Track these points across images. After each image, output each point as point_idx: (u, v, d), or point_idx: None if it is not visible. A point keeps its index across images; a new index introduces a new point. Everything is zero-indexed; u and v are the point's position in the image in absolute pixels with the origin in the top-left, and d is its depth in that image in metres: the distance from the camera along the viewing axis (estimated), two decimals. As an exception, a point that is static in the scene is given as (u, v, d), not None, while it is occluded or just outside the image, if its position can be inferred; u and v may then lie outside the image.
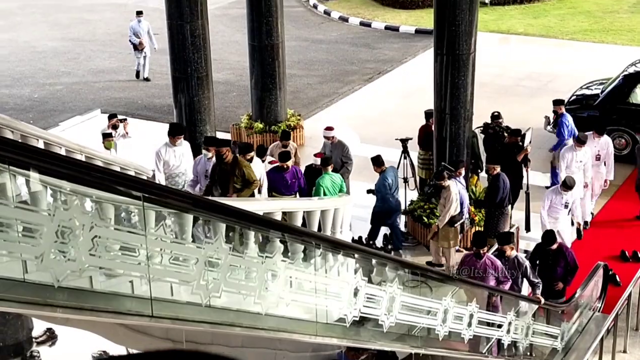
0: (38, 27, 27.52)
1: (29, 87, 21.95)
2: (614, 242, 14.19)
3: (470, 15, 13.20)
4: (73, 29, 27.29)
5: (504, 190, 13.22)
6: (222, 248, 6.06)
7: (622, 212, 15.05)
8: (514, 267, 11.26)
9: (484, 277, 10.80)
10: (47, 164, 4.88)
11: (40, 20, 28.29)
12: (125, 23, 27.67)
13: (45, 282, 4.94)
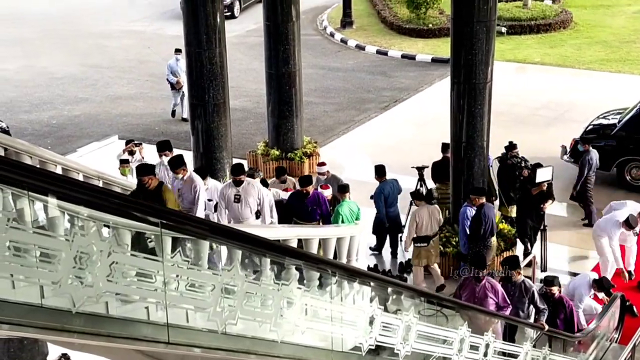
0: (56, 54, 27.71)
1: (47, 112, 22.09)
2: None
3: (487, 45, 13.22)
4: (91, 56, 27.47)
5: (485, 222, 12.92)
6: (239, 275, 6.07)
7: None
8: (521, 292, 11.09)
9: (483, 301, 10.56)
10: (65, 189, 4.91)
11: (59, 47, 28.48)
12: (143, 50, 27.97)
13: (62, 308, 4.95)
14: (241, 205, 12.80)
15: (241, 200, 12.84)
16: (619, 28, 28.88)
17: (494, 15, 13.34)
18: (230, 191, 12.98)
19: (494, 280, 10.91)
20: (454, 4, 13.34)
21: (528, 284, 11.26)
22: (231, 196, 12.93)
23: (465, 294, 10.77)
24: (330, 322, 7.26)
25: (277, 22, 17.30)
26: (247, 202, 12.83)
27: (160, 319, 5.56)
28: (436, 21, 28.57)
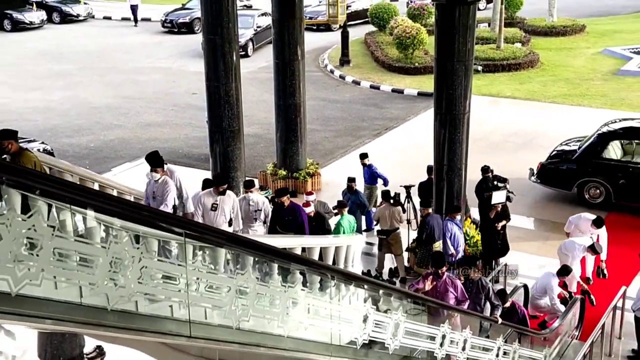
0: (94, 86, 27.80)
1: (86, 137, 22.13)
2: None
3: (465, 81, 13.26)
4: (124, 88, 27.55)
5: (427, 229, 13.24)
6: (251, 278, 6.07)
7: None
8: (478, 289, 10.98)
9: (444, 296, 10.28)
10: (101, 203, 4.92)
11: (96, 81, 28.58)
12: (169, 84, 28.04)
13: (99, 306, 4.94)
14: (217, 214, 12.28)
15: (218, 209, 12.37)
16: (579, 67, 28.99)
17: (471, 56, 13.39)
18: (208, 200, 12.43)
19: (453, 277, 10.71)
20: (437, 46, 13.39)
21: (484, 282, 11.15)
22: (208, 204, 12.38)
23: (428, 290, 10.41)
24: (329, 320, 7.24)
25: (285, 61, 17.36)
26: (222, 211, 12.34)
27: (183, 316, 5.55)
28: (421, 60, 28.67)
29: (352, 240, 12.68)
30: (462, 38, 12.93)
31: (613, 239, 14.80)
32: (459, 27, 12.85)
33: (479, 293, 11.01)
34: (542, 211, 16.89)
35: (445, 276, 10.43)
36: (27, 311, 4.41)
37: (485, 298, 11.04)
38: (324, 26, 34.14)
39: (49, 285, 4.65)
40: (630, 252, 14.34)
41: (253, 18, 32.29)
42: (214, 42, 14.95)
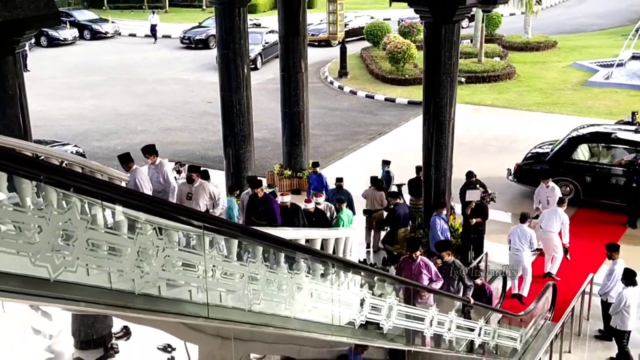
0: (121, 96, 27.81)
1: (114, 141, 22.13)
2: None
3: (450, 91, 13.26)
4: (147, 97, 27.56)
5: (394, 216, 13.78)
6: (261, 266, 6.07)
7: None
8: (451, 271, 10.83)
9: (418, 277, 10.11)
10: (129, 199, 4.92)
11: (122, 91, 28.59)
12: (187, 93, 28.02)
13: (126, 290, 4.95)
14: (192, 204, 11.80)
15: (192, 199, 11.99)
16: (551, 79, 28.97)
17: (456, 69, 13.37)
18: (185, 189, 12.15)
19: (426, 259, 10.52)
20: (426, 60, 13.38)
21: (458, 264, 10.98)
22: (184, 193, 12.15)
23: (404, 271, 10.35)
24: (330, 303, 7.24)
25: (290, 73, 17.36)
26: (197, 202, 11.99)
27: (201, 299, 5.55)
28: (411, 73, 28.66)
29: (350, 233, 12.69)
30: (448, 53, 12.92)
31: (581, 231, 14.84)
32: (445, 43, 12.84)
33: (452, 275, 10.87)
34: (518, 207, 16.82)
35: (419, 259, 10.30)
36: (64, 295, 4.42)
37: (458, 279, 10.90)
38: (325, 42, 34.10)
39: (82, 271, 4.65)
40: (597, 243, 14.31)
41: (262, 35, 32.27)
42: (228, 56, 14.96)
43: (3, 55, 9.87)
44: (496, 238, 14.59)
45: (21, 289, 4.12)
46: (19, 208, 4.27)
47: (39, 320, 11.19)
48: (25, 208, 4.30)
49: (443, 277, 10.53)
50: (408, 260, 10.41)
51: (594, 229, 15.48)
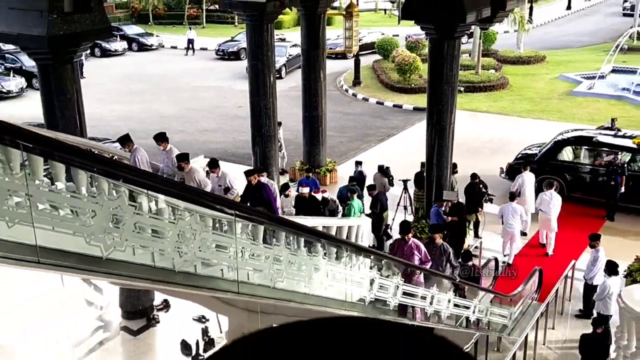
0: (163, 101, 27.91)
1: (157, 139, 22.17)
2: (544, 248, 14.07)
3: (451, 99, 13.20)
4: (187, 102, 27.64)
5: (375, 205, 13.70)
6: (284, 249, 6.09)
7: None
8: (440, 253, 10.54)
9: (410, 257, 9.80)
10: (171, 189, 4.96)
11: (165, 96, 28.69)
12: (220, 99, 28.07)
13: (167, 268, 4.99)
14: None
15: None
16: (540, 89, 28.70)
17: (456, 79, 13.31)
18: (177, 175, 11.52)
19: (417, 241, 10.23)
20: (430, 71, 13.33)
21: (446, 247, 10.70)
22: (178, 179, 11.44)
23: (396, 252, 10.04)
24: (344, 282, 7.25)
25: (311, 82, 17.36)
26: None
27: (231, 277, 5.58)
28: (417, 82, 28.49)
29: (362, 222, 12.68)
30: (449, 65, 12.86)
31: (565, 223, 14.71)
32: (447, 56, 12.78)
33: (441, 256, 10.60)
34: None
35: (410, 241, 10.04)
36: (114, 271, 4.47)
37: (446, 261, 10.64)
38: (341, 55, 33.92)
39: (130, 251, 4.70)
40: (579, 233, 14.23)
41: (286, 48, 32.23)
42: (257, 66, 14.98)
43: (62, 64, 9.96)
44: (491, 228, 14.52)
45: (78, 265, 4.17)
46: (76, 195, 4.31)
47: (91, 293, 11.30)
48: (81, 195, 4.34)
49: (432, 258, 10.29)
50: (401, 242, 10.18)
51: (577, 221, 15.35)
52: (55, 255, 4.12)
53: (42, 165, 4.29)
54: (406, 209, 14.57)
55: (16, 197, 4.11)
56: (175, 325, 11.04)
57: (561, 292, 12.05)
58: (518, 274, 12.90)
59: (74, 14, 9.49)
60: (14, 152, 4.13)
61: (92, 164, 4.37)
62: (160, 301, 11.37)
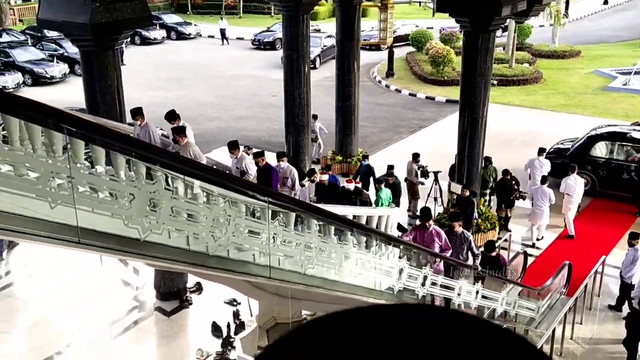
0: (200, 88, 28.10)
1: (193, 125, 22.13)
2: (574, 243, 13.82)
3: (484, 91, 13.02)
4: (223, 90, 27.79)
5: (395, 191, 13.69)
6: (315, 237, 6.09)
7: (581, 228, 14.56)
8: (461, 241, 10.18)
9: (430, 245, 9.39)
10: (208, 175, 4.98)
11: (202, 84, 28.88)
12: (256, 88, 28.15)
13: (202, 251, 5.03)
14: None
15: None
16: (574, 83, 28.12)
17: (490, 72, 13.12)
18: (172, 147, 11.06)
19: (438, 228, 9.81)
20: (463, 64, 13.16)
21: (466, 235, 10.36)
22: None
23: (417, 239, 9.61)
24: (373, 271, 7.24)
25: (344, 72, 17.29)
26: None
27: (263, 262, 5.60)
28: (450, 75, 28.18)
29: (392, 212, 12.62)
30: (483, 58, 12.68)
31: (596, 219, 14.46)
32: (481, 49, 12.59)
33: (461, 244, 10.23)
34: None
35: (431, 228, 9.61)
36: (151, 253, 4.52)
37: (467, 249, 10.32)
38: (375, 46, 33.79)
39: (165, 234, 4.75)
40: (609, 229, 13.97)
41: (321, 39, 32.14)
42: (291, 56, 14.98)
43: (104, 51, 10.08)
44: (520, 221, 14.33)
45: (117, 247, 4.23)
46: (115, 178, 4.36)
47: (128, 274, 11.49)
48: (120, 179, 4.40)
49: (452, 247, 9.96)
50: (421, 229, 9.79)
51: (607, 217, 15.06)
52: (95, 236, 4.18)
53: (83, 149, 4.35)
54: (436, 201, 14.43)
55: (58, 179, 4.18)
56: (207, 308, 11.15)
57: (590, 288, 11.84)
58: (547, 268, 12.72)
59: (116, 2, 9.59)
60: (57, 136, 4.20)
61: (131, 148, 4.42)
62: (194, 284, 11.49)
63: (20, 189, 3.99)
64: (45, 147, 4.17)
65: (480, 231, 13.50)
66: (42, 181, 4.08)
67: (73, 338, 10.10)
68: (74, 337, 10.11)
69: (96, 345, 9.84)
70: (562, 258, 12.87)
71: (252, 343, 8.61)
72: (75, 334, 10.16)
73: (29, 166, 4.12)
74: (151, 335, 10.68)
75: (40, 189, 4.03)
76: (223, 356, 9.70)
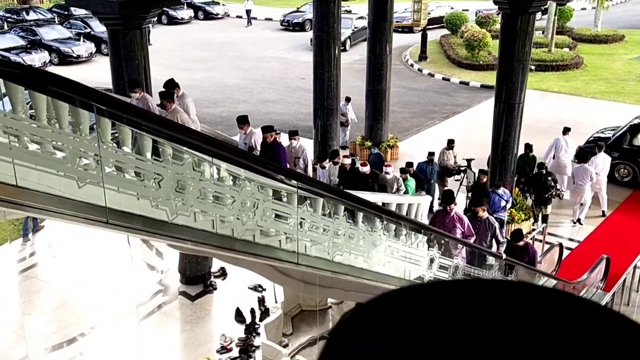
0: (227, 70, 28.18)
1: (219, 108, 22.53)
2: (613, 237, 13.63)
3: (522, 76, 12.83)
4: (250, 72, 27.84)
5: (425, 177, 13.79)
6: (344, 223, 6.09)
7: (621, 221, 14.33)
8: (485, 227, 9.66)
9: (452, 230, 8.96)
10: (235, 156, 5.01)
11: (229, 65, 28.96)
12: (284, 70, 28.14)
13: (228, 235, 5.06)
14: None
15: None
16: (617, 70, 27.55)
17: (528, 57, 12.92)
18: (160, 113, 9.88)
19: (461, 213, 9.45)
20: (501, 47, 12.96)
21: (491, 221, 9.81)
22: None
23: (437, 224, 9.25)
24: (403, 259, 7.22)
25: (376, 54, 17.17)
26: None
27: (290, 247, 5.63)
28: (485, 59, 27.83)
29: (422, 200, 12.53)
30: (522, 41, 12.48)
31: (636, 211, 14.20)
32: (520, 32, 12.39)
33: (485, 231, 9.70)
34: (578, 185, 16.27)
35: (453, 212, 9.19)
36: (178, 235, 4.57)
37: (491, 236, 9.76)
38: (408, 29, 33.52)
39: (191, 217, 4.80)
40: (651, 223, 13.71)
41: (352, 20, 31.95)
42: (321, 38, 14.92)
43: (132, 29, 10.16)
44: (555, 212, 14.13)
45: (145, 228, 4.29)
46: (142, 158, 4.41)
47: (153, 257, 11.65)
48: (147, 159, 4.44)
49: (476, 233, 9.51)
50: (442, 213, 9.41)
51: (649, 210, 14.77)
52: (122, 216, 4.24)
53: (110, 128, 4.41)
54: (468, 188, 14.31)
55: (85, 159, 4.25)
56: (231, 293, 11.26)
57: (629, 283, 11.66)
58: (583, 261, 12.56)
59: (144, -20, 9.65)
60: (84, 114, 4.25)
61: (160, 128, 4.46)
62: (218, 269, 11.60)
63: (49, 167, 4.06)
64: (72, 127, 4.23)
65: (513, 222, 13.36)
66: (70, 160, 4.15)
67: (97, 320, 10.30)
68: (97, 319, 10.30)
69: (120, 328, 10.02)
70: (599, 251, 12.69)
71: (276, 330, 8.68)
72: (99, 316, 10.35)
73: (57, 144, 4.19)
74: (175, 319, 10.82)
75: (69, 168, 4.09)
76: (247, 342, 9.80)
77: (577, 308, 0.58)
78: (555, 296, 0.59)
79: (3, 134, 3.97)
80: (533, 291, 0.60)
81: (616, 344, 0.54)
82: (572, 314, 0.57)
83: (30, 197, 3.99)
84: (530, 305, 0.57)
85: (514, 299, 0.58)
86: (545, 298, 0.59)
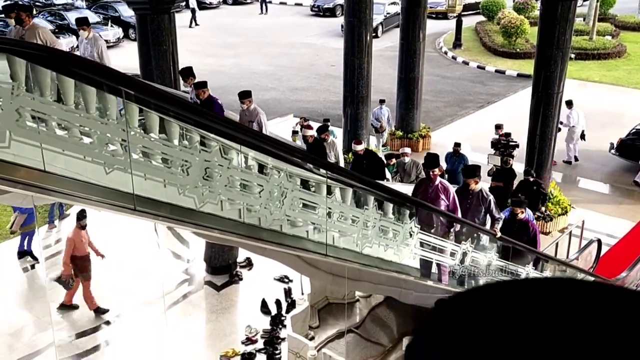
0: (255, 56, 28.22)
1: (247, 95, 22.53)
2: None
3: (561, 65, 12.62)
4: (279, 59, 27.84)
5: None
6: (375, 214, 6.07)
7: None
8: (478, 201, 8.47)
9: (434, 201, 7.79)
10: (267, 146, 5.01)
11: (257, 52, 28.99)
12: (313, 57, 28.07)
13: (255, 224, 5.08)
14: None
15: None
16: (661, 59, 26.95)
17: (568, 45, 12.70)
18: (17, 31, 9.24)
19: (447, 183, 8.24)
20: (540, 34, 12.76)
21: (485, 194, 8.57)
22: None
23: (419, 194, 7.98)
24: (434, 253, 7.18)
25: (409, 42, 17.03)
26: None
27: (317, 238, 5.62)
28: (522, 47, 27.44)
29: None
30: (562, 29, 12.27)
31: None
32: (560, 19, 12.19)
33: (478, 205, 8.46)
34: (618, 179, 16.00)
35: (437, 181, 7.96)
36: (205, 223, 4.59)
37: (485, 211, 8.53)
38: (442, 15, 33.20)
39: (218, 206, 4.82)
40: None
41: (384, 6, 31.73)
42: (353, 24, 14.85)
43: (160, 14, 10.22)
44: (593, 207, 13.92)
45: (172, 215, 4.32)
46: (170, 144, 4.44)
47: (179, 246, 11.77)
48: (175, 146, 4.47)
49: (467, 207, 8.40)
50: (425, 182, 8.20)
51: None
52: (150, 204, 4.28)
53: (137, 114, 4.44)
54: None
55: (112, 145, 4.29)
56: (257, 284, 11.32)
57: None
58: (623, 258, 12.33)
59: (173, -37, 9.69)
60: (111, 100, 4.29)
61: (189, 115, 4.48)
62: (244, 259, 11.66)
63: (76, 152, 4.10)
64: (100, 112, 4.27)
65: (549, 216, 13.20)
66: (97, 145, 4.19)
67: (123, 308, 10.44)
68: (123, 307, 10.45)
69: (146, 316, 10.15)
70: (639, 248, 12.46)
71: (303, 322, 8.70)
72: (125, 303, 10.50)
73: (85, 129, 4.24)
74: (200, 309, 10.92)
75: (96, 153, 4.14)
76: (272, 334, 9.85)
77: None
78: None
79: (31, 118, 4.02)
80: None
81: None
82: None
83: (57, 182, 4.05)
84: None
85: (603, 301, 0.61)
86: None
